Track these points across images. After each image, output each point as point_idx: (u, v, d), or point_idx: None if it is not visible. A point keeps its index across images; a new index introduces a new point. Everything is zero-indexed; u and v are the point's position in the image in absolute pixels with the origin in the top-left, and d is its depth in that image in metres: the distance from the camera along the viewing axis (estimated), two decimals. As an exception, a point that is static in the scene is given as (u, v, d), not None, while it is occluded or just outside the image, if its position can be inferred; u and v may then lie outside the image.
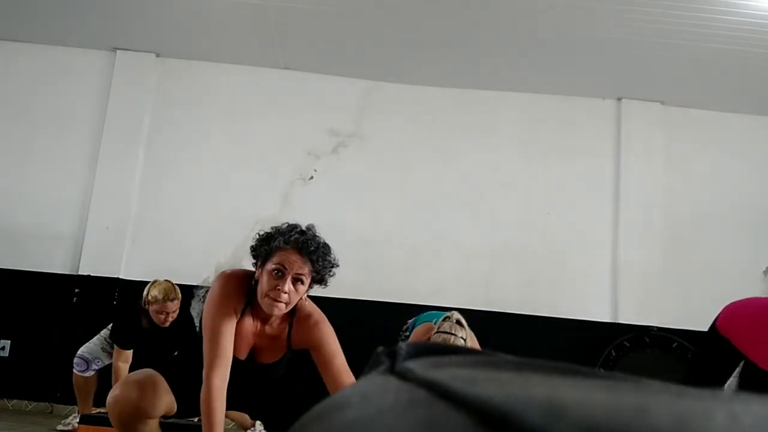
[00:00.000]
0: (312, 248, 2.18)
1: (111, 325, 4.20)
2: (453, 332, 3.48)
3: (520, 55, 5.03)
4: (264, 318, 2.29)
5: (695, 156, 5.54)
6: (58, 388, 4.88)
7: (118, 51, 5.40)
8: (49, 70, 5.40)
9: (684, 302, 5.23)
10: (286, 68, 5.48)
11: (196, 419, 3.77)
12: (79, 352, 4.18)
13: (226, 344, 2.19)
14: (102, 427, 3.44)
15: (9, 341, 4.97)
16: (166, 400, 2.29)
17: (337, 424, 0.26)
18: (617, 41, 4.70)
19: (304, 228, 2.23)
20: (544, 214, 5.38)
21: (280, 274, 2.15)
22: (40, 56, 5.41)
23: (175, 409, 2.34)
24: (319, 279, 2.24)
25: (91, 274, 5.06)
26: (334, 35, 4.96)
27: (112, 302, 5.03)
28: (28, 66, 5.41)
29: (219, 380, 2.16)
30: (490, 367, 0.28)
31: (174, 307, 4.02)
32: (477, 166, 5.44)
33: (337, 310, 5.24)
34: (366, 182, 5.38)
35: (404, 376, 0.28)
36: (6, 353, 4.95)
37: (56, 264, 5.12)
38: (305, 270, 2.17)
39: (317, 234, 2.24)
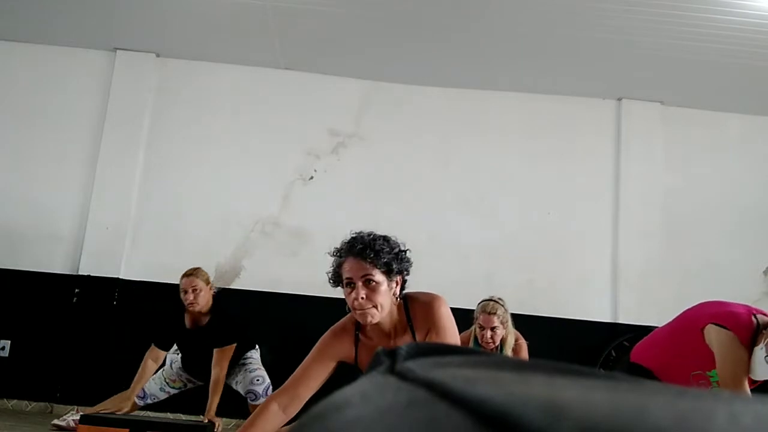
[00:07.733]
0: (359, 247, 2.19)
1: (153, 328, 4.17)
2: (492, 298, 3.84)
3: (520, 55, 5.03)
4: (380, 330, 2.32)
5: (695, 156, 5.54)
6: (57, 388, 4.88)
7: (118, 51, 5.40)
8: (49, 70, 5.39)
9: (684, 302, 5.18)
10: (286, 68, 5.47)
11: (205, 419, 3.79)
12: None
13: (306, 382, 2.23)
14: (102, 427, 3.44)
15: (9, 341, 4.97)
16: None
17: (337, 424, 0.26)
18: (617, 41, 4.69)
19: (354, 234, 2.27)
20: (544, 214, 5.38)
21: (351, 285, 2.20)
22: (40, 56, 5.40)
23: None
24: (391, 270, 2.23)
25: (91, 274, 5.06)
26: (334, 35, 4.96)
27: (112, 302, 5.03)
28: (28, 66, 5.41)
29: (276, 406, 2.17)
30: (490, 367, 0.28)
31: (191, 283, 3.95)
32: (477, 166, 5.43)
33: (338, 309, 5.26)
34: (366, 182, 5.38)
35: (404, 376, 0.28)
36: (6, 353, 4.95)
37: (56, 264, 5.11)
38: (368, 269, 2.19)
39: (369, 233, 2.25)
